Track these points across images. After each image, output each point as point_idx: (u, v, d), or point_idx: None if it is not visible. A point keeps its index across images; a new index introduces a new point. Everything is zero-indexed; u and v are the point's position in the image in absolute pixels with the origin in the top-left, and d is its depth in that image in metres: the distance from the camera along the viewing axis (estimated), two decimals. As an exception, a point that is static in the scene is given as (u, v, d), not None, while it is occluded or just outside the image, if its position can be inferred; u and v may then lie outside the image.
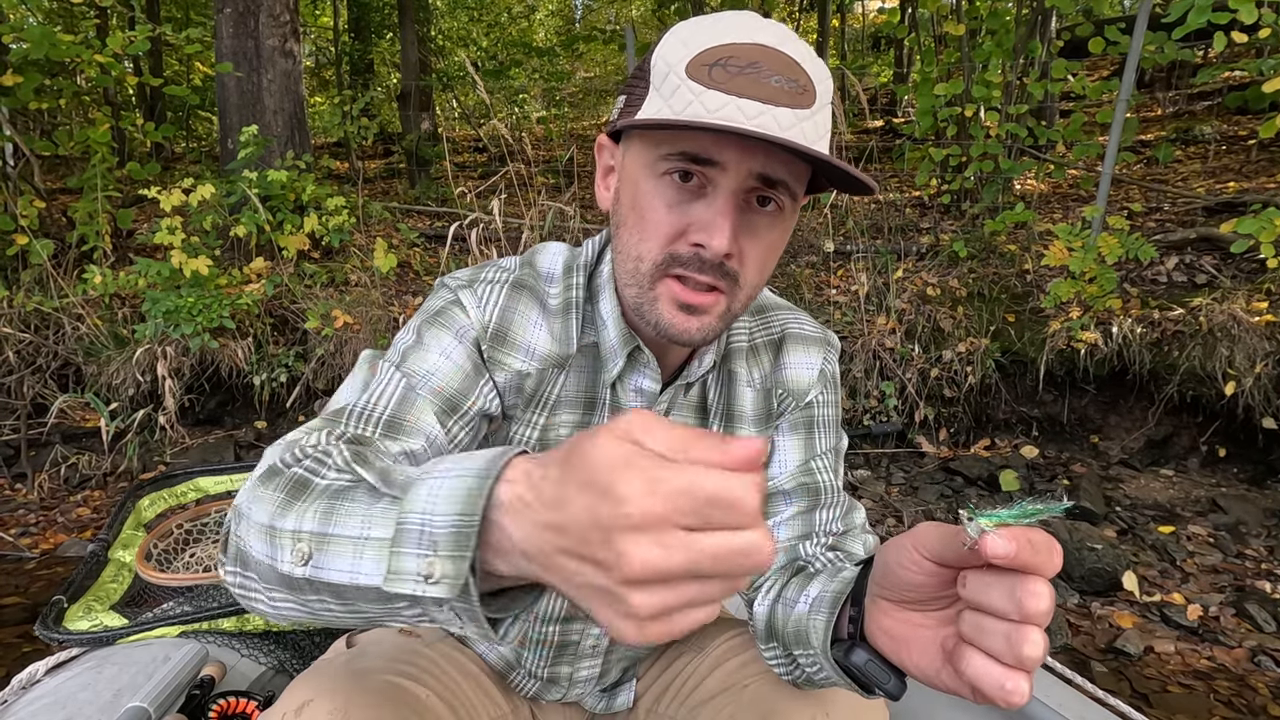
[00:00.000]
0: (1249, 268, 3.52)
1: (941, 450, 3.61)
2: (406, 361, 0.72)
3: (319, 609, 0.52)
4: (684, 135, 0.63)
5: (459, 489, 0.43)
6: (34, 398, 3.61)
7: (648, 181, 0.67)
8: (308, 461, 0.57)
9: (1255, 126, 5.02)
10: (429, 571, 0.42)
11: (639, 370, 0.79)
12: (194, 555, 1.35)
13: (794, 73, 0.63)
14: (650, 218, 0.66)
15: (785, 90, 0.62)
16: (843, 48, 10.51)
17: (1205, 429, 3.29)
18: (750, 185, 0.64)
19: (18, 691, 1.06)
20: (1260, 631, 2.29)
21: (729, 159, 0.62)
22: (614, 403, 0.80)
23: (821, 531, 0.85)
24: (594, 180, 0.79)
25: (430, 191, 6.47)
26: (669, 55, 0.65)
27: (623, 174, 0.71)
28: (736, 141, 0.62)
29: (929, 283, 3.93)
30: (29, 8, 4.88)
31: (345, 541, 0.48)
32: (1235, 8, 3.07)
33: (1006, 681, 0.45)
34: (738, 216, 0.64)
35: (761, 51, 0.62)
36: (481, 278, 0.79)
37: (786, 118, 0.61)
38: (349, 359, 3.82)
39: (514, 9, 12.20)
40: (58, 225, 4.37)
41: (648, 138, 0.67)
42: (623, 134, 0.72)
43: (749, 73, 0.61)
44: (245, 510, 0.56)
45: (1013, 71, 4.44)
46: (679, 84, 0.63)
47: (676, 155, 0.64)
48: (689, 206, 0.65)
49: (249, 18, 4.59)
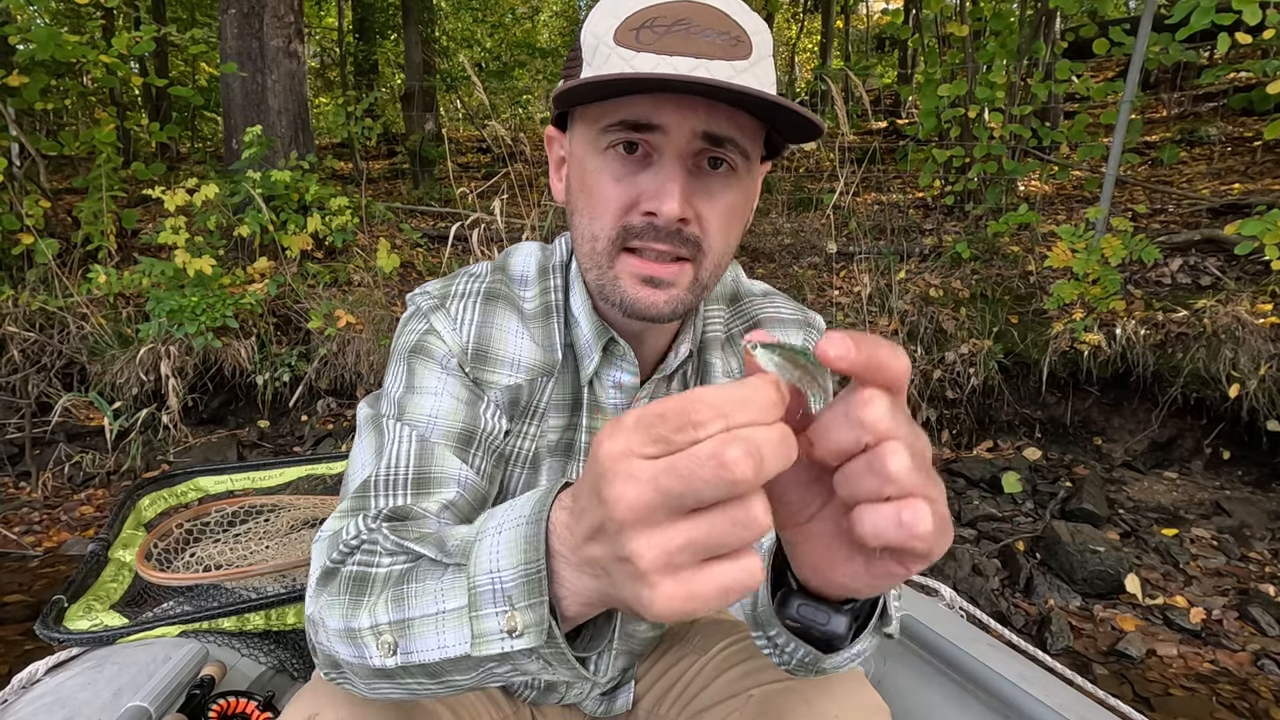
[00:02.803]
0: (1253, 270, 3.50)
1: (944, 452, 3.61)
2: (407, 412, 0.71)
3: (417, 689, 0.54)
4: (621, 104, 0.62)
5: (517, 539, 0.44)
6: (38, 396, 3.62)
7: (593, 159, 0.65)
8: (358, 555, 0.58)
9: (1260, 128, 5.00)
10: (511, 626, 0.43)
11: (615, 364, 0.77)
12: (194, 555, 1.36)
13: (725, 25, 0.61)
14: (599, 194, 0.65)
15: (718, 44, 0.60)
16: (847, 49, 10.49)
17: (1209, 431, 3.27)
18: (697, 146, 0.62)
19: (18, 691, 1.06)
20: (1264, 635, 2.28)
21: (669, 120, 0.61)
22: (593, 401, 0.78)
23: None
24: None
25: (433, 192, 6.48)
26: (596, 27, 0.64)
27: (571, 159, 0.70)
28: (675, 100, 0.60)
29: (932, 284, 3.92)
30: (35, 9, 4.90)
31: (425, 621, 0.49)
32: (1239, 9, 3.06)
33: (901, 513, 0.35)
34: (687, 179, 0.63)
35: (688, 8, 0.61)
36: (453, 292, 0.77)
37: (723, 70, 0.59)
38: (352, 359, 3.83)
39: (518, 10, 12.20)
40: (63, 225, 4.38)
41: (588, 116, 0.65)
42: (567, 121, 0.71)
43: (677, 30, 0.60)
44: (319, 619, 0.57)
45: (1017, 72, 4.44)
46: (609, 53, 0.61)
47: (616, 126, 0.62)
48: (636, 177, 0.64)
49: (254, 18, 4.60)
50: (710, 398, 0.33)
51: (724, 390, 0.34)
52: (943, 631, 1.17)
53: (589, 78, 0.59)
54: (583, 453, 0.79)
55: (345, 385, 3.89)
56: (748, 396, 0.34)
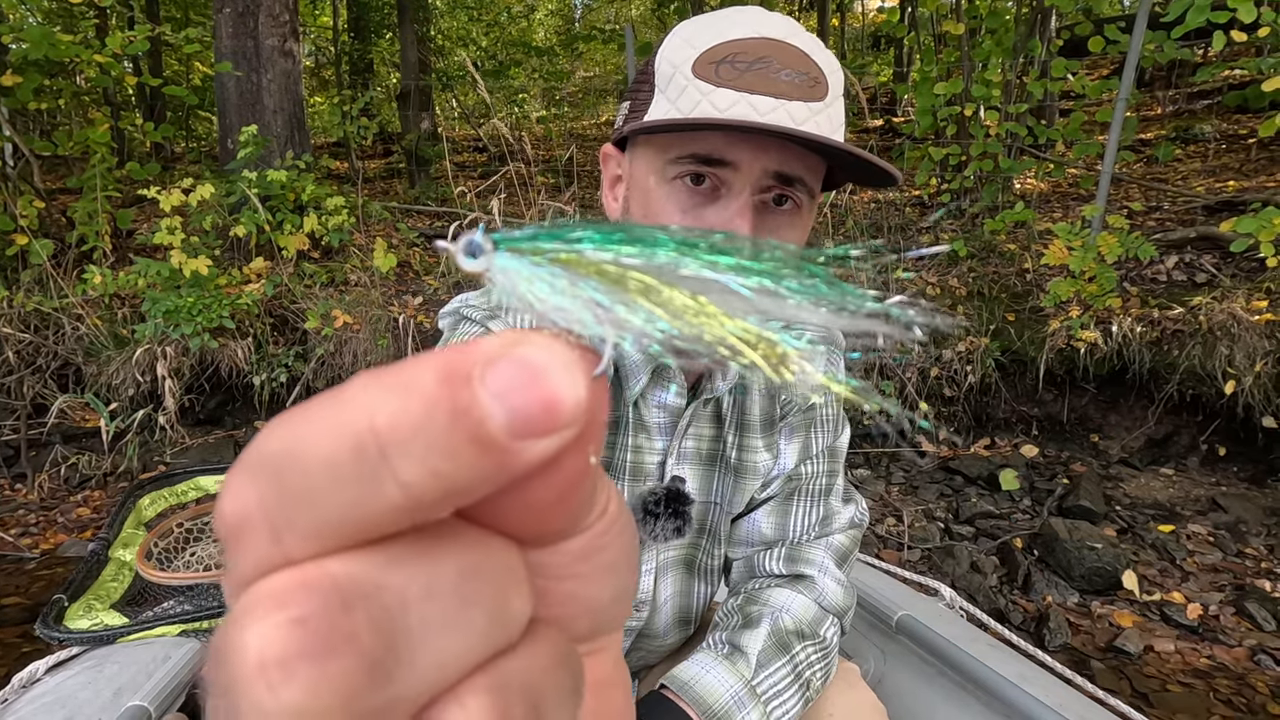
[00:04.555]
0: (1249, 266, 3.52)
1: (941, 449, 3.61)
2: None
3: None
4: (694, 136, 0.61)
5: None
6: (34, 398, 3.61)
7: (659, 188, 0.64)
8: None
9: (1255, 125, 5.02)
10: None
11: (663, 386, 0.76)
12: (194, 554, 1.35)
13: (805, 65, 0.60)
14: (663, 223, 0.64)
15: (797, 84, 0.60)
16: (842, 47, 10.50)
17: (1205, 428, 3.29)
18: (766, 184, 0.62)
19: (18, 690, 1.06)
20: (1260, 630, 2.29)
21: (742, 158, 0.60)
22: (637, 420, 0.77)
23: (793, 539, 0.85)
24: (596, 181, 0.78)
25: (430, 191, 6.47)
26: (673, 56, 0.63)
27: (631, 182, 0.69)
28: (749, 140, 0.60)
29: (929, 282, 3.93)
30: (29, 8, 4.88)
31: None
32: (1234, 7, 3.06)
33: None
34: (755, 218, 0.62)
35: (770, 45, 0.60)
36: (503, 305, 0.77)
37: (800, 112, 0.59)
38: (349, 359, 3.82)
39: (513, 8, 12.18)
40: (57, 225, 4.37)
41: (656, 142, 0.64)
42: (629, 141, 0.70)
43: (758, 68, 0.59)
44: None
45: (1012, 70, 4.44)
46: (686, 84, 0.61)
47: (687, 158, 0.61)
48: (703, 211, 0.63)
49: (248, 17, 4.59)
50: (270, 445, 0.13)
51: (321, 412, 0.13)
52: (942, 631, 1.17)
53: (674, 119, 0.59)
54: (624, 472, 0.79)
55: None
56: (366, 423, 0.13)
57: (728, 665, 0.72)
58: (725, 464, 0.82)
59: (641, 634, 0.87)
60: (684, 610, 0.89)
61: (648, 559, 0.81)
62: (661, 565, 0.83)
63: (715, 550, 0.88)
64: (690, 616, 0.90)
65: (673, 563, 0.85)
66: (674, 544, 0.83)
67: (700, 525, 0.84)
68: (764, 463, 0.83)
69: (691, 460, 0.80)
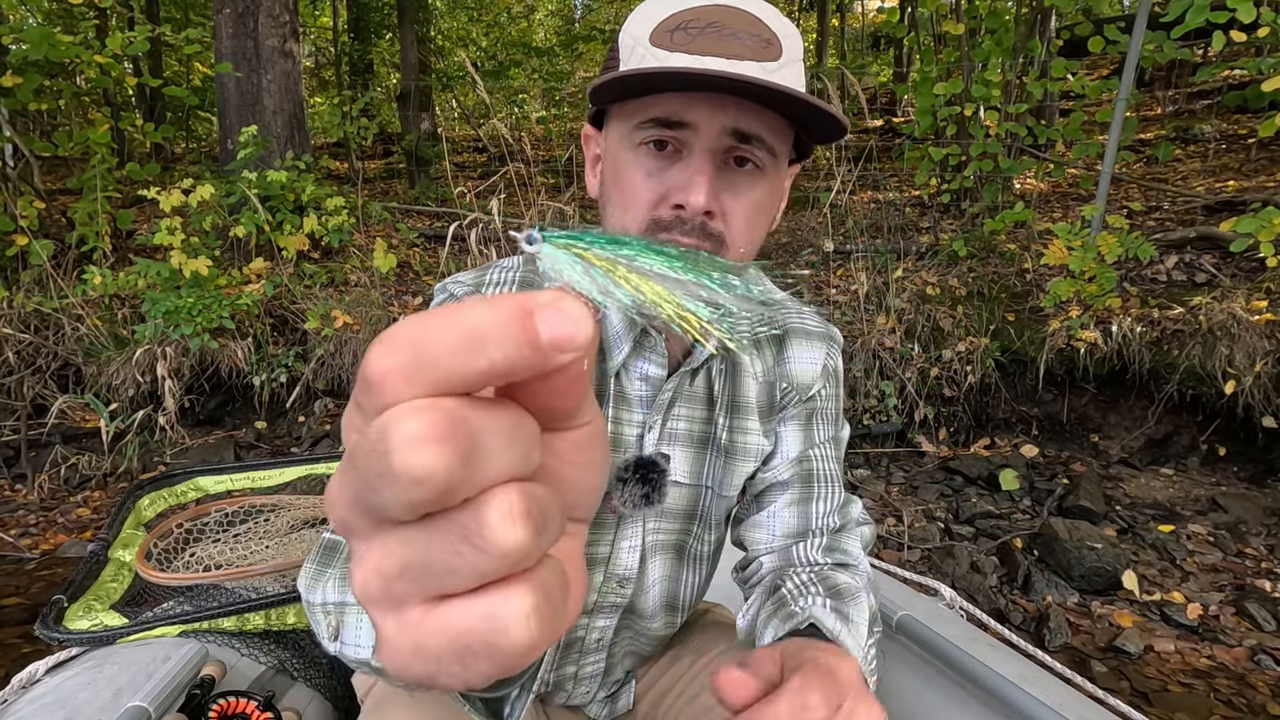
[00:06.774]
0: (1248, 266, 3.52)
1: (941, 449, 3.61)
2: None
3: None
4: (653, 101, 0.64)
5: None
6: (34, 398, 3.61)
7: (625, 154, 0.67)
8: None
9: (1255, 125, 5.02)
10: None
11: (645, 355, 0.77)
12: (194, 555, 1.35)
13: (757, 28, 0.63)
14: (630, 189, 0.67)
15: (749, 45, 0.62)
16: (842, 47, 10.50)
17: (1205, 428, 3.29)
18: (726, 143, 0.64)
19: (17, 691, 1.06)
20: (1260, 630, 2.29)
21: (699, 117, 0.63)
22: (619, 392, 0.78)
23: (818, 528, 0.86)
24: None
25: (430, 191, 6.47)
26: (634, 30, 0.66)
27: (605, 156, 0.72)
28: (707, 99, 0.62)
29: (929, 282, 3.93)
30: (29, 8, 4.88)
31: (354, 610, 0.44)
32: (1234, 6, 3.06)
33: None
34: (715, 174, 0.64)
35: (721, 11, 0.63)
36: (488, 280, 0.78)
37: (753, 70, 0.61)
38: (349, 359, 3.82)
39: (513, 9, 12.19)
40: (57, 226, 4.37)
41: (623, 114, 0.67)
42: (604, 119, 0.73)
43: (710, 32, 0.62)
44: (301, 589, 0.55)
45: (1012, 70, 4.44)
46: (644, 53, 0.64)
47: (649, 123, 0.64)
48: (666, 172, 0.66)
49: (248, 18, 4.59)
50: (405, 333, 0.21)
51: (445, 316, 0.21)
52: (942, 630, 1.17)
53: (621, 72, 0.61)
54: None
55: (342, 385, 3.88)
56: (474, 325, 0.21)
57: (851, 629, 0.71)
58: (716, 446, 0.83)
59: (629, 610, 0.87)
60: (672, 595, 0.89)
61: (633, 535, 0.81)
62: (650, 546, 0.83)
63: (706, 536, 0.88)
64: (678, 603, 0.90)
65: (662, 546, 0.84)
66: (663, 527, 0.83)
67: (691, 510, 0.84)
68: (755, 445, 0.84)
69: (683, 442, 0.81)
